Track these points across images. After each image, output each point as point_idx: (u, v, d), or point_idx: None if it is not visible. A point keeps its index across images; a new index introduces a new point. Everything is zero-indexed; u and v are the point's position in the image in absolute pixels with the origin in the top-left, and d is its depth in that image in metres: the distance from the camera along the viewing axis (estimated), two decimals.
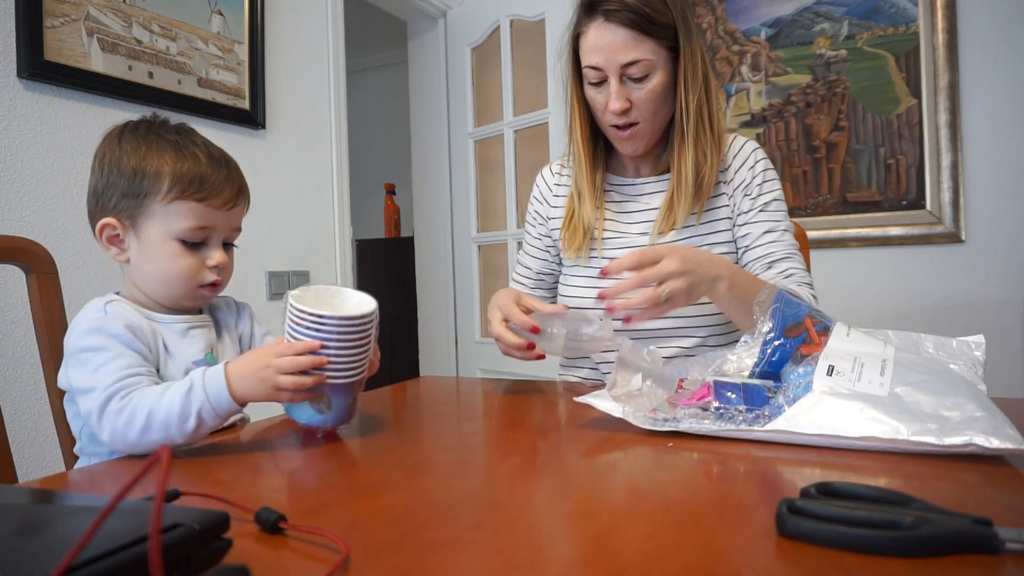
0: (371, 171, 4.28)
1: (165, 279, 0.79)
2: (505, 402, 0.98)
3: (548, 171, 1.30)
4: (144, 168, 0.77)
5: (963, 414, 0.58)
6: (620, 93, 1.03)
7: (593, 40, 1.03)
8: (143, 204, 0.77)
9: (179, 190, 0.77)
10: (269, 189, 2.04)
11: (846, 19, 2.37)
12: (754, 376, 0.74)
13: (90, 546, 0.27)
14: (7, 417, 0.90)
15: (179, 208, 0.77)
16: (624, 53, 1.01)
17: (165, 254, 0.78)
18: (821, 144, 2.42)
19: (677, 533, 0.44)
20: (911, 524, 0.39)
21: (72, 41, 1.50)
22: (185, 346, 0.80)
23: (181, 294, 0.81)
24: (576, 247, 1.16)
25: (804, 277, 1.06)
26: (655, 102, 1.05)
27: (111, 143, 0.80)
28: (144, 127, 0.81)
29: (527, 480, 0.61)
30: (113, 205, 0.78)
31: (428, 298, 3.01)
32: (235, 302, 0.93)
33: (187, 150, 0.79)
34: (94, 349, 0.71)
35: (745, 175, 1.12)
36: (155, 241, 0.78)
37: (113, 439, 0.68)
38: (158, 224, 0.78)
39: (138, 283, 0.81)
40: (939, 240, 2.25)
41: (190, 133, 0.83)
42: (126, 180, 0.77)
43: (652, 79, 1.03)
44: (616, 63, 1.01)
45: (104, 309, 0.76)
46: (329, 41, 2.26)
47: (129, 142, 0.79)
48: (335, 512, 0.50)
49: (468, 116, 2.84)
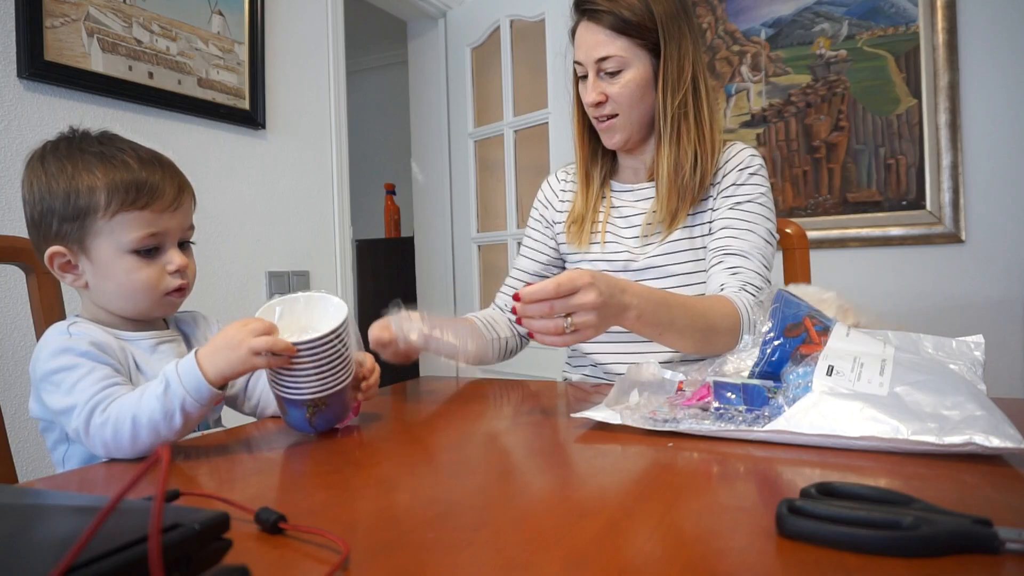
0: (371, 171, 4.28)
1: (129, 295, 0.77)
2: (505, 402, 0.98)
3: (553, 178, 1.33)
4: (76, 187, 0.73)
5: (963, 413, 0.58)
6: (594, 86, 1.11)
7: (577, 38, 1.13)
8: (86, 224, 0.74)
9: (118, 202, 0.73)
10: (269, 189, 2.04)
11: (846, 19, 2.37)
12: (754, 376, 0.74)
13: (90, 546, 0.27)
14: (7, 417, 0.90)
15: (123, 220, 0.74)
16: (598, 49, 1.09)
17: (122, 270, 0.75)
18: (821, 144, 2.41)
19: (677, 533, 0.44)
20: (911, 524, 0.39)
21: (72, 41, 1.50)
22: (156, 362, 0.78)
23: (148, 306, 0.78)
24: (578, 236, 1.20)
25: (751, 278, 1.04)
26: (630, 96, 1.11)
27: (34, 169, 0.76)
28: (64, 144, 0.77)
29: (527, 480, 0.61)
30: (55, 232, 0.74)
31: (428, 298, 3.01)
32: (201, 315, 0.92)
33: (115, 159, 0.75)
34: (65, 369, 0.69)
35: (733, 177, 1.12)
36: (108, 259, 0.75)
37: (107, 450, 0.67)
38: (106, 241, 0.74)
39: (102, 304, 0.78)
40: (939, 240, 2.25)
41: (115, 140, 0.78)
42: (60, 203, 0.73)
43: (626, 74, 1.10)
44: (592, 58, 1.10)
45: (68, 331, 0.74)
46: (329, 41, 2.26)
47: (52, 164, 0.75)
48: (335, 512, 0.50)
49: (468, 116, 2.84)
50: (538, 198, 1.33)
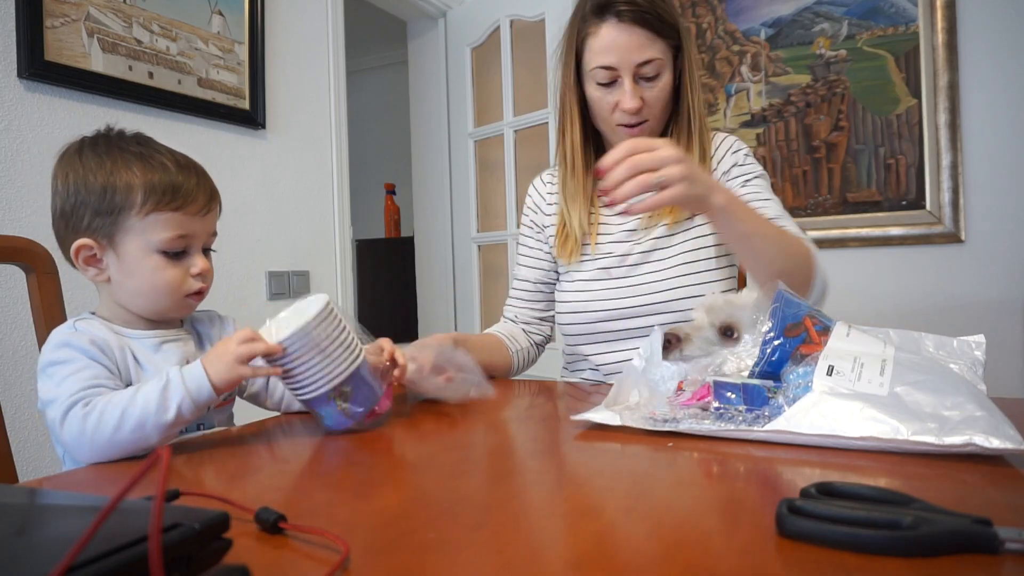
0: (371, 171, 4.28)
1: (151, 293, 0.78)
2: (505, 402, 0.98)
3: (539, 181, 1.30)
4: (113, 183, 0.75)
5: (963, 414, 0.58)
6: (635, 92, 1.05)
7: (606, 40, 1.04)
8: (118, 220, 0.75)
9: (153, 201, 0.75)
10: (269, 189, 2.04)
11: (846, 19, 2.37)
12: (754, 376, 0.74)
13: (90, 546, 0.27)
14: (7, 417, 0.90)
15: (156, 220, 0.76)
16: (639, 52, 1.03)
17: (147, 268, 0.77)
18: (821, 144, 2.41)
19: (677, 533, 0.44)
20: (911, 524, 0.39)
21: (72, 41, 1.50)
22: (159, 360, 0.79)
23: (168, 306, 0.80)
24: (568, 252, 1.17)
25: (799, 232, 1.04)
26: (663, 100, 1.08)
27: (71, 161, 0.77)
28: (103, 141, 0.79)
29: (527, 480, 0.61)
30: (86, 225, 0.76)
31: (428, 298, 3.01)
32: (218, 315, 0.93)
33: (153, 160, 0.77)
34: (60, 362, 0.71)
35: (726, 163, 1.14)
36: (136, 256, 0.76)
37: (77, 445, 0.66)
38: (137, 239, 0.76)
39: (122, 301, 0.80)
40: (939, 240, 2.25)
41: (151, 142, 0.80)
42: (96, 198, 0.75)
43: (662, 78, 1.06)
44: (631, 62, 1.03)
45: (74, 326, 0.76)
46: (329, 41, 2.26)
47: (91, 159, 0.76)
48: (335, 512, 0.50)
49: (468, 116, 2.84)
50: (527, 204, 1.30)
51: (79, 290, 1.48)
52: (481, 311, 2.85)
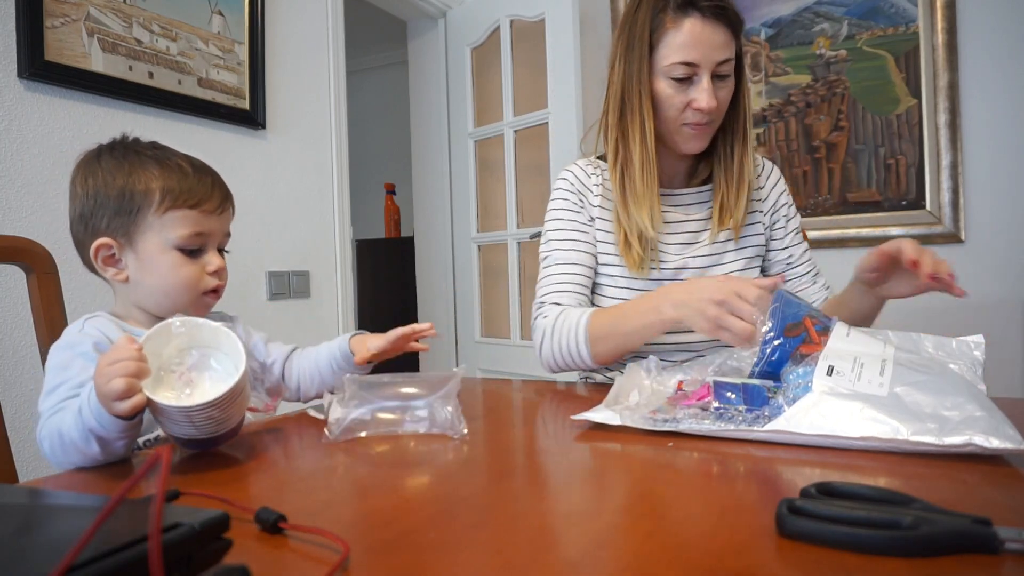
0: (371, 171, 4.28)
1: (169, 290, 0.79)
2: (505, 402, 0.98)
3: (579, 169, 1.18)
4: (132, 185, 0.77)
5: (963, 414, 0.58)
6: (713, 90, 1.03)
7: (690, 36, 1.01)
8: (137, 219, 0.77)
9: (171, 200, 0.77)
10: (269, 189, 2.04)
11: (846, 19, 2.37)
12: (754, 376, 0.74)
13: (90, 546, 0.27)
14: (7, 417, 0.90)
15: (174, 217, 0.78)
16: (721, 51, 1.02)
17: (166, 265, 0.78)
18: (821, 144, 2.42)
19: (677, 533, 0.44)
20: (911, 524, 0.39)
21: (72, 41, 1.50)
22: None
23: (185, 303, 0.81)
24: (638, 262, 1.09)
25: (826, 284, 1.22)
26: (728, 102, 1.08)
27: (90, 166, 0.79)
28: (120, 147, 0.81)
29: (527, 480, 0.61)
30: (105, 226, 0.78)
31: (428, 298, 3.01)
32: (228, 316, 0.93)
33: (170, 162, 0.80)
34: (58, 367, 0.71)
35: (778, 197, 1.20)
36: (154, 254, 0.78)
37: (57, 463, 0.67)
38: (155, 236, 0.78)
39: (139, 300, 0.81)
40: (939, 240, 2.25)
41: (166, 148, 0.83)
42: (115, 199, 0.77)
43: (731, 79, 1.06)
44: (712, 60, 1.02)
45: (83, 326, 0.77)
46: (329, 41, 2.26)
47: (109, 163, 0.79)
48: (335, 512, 0.50)
49: (468, 116, 2.84)
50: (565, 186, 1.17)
51: (79, 290, 1.48)
52: (481, 311, 2.85)
